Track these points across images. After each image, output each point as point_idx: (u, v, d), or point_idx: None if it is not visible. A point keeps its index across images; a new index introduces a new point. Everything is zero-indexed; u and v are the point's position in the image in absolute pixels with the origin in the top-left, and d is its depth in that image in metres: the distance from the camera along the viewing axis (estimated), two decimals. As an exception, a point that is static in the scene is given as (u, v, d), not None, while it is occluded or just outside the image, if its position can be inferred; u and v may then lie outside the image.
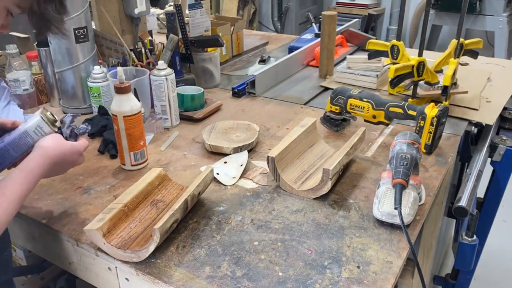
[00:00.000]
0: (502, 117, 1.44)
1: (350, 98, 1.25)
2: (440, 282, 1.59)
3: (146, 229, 0.88)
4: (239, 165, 1.12)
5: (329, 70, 1.72)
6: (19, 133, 0.89)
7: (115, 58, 1.54)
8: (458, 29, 1.32)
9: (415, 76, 1.33)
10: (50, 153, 0.85)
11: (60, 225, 0.93)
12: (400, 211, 0.84)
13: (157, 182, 0.99)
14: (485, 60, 1.82)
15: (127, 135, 1.08)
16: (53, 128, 0.90)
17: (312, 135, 1.16)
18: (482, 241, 1.48)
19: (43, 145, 0.85)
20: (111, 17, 1.53)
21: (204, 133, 1.24)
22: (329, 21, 1.64)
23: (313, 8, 4.65)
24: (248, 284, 0.77)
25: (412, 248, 0.82)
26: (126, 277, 0.85)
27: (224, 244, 0.86)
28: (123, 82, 1.07)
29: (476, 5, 3.49)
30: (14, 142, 0.89)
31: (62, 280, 1.55)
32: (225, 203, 0.99)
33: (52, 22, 0.74)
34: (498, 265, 2.22)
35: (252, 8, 4.39)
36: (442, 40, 4.01)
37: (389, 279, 0.78)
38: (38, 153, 0.84)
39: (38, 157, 0.83)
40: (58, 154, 0.86)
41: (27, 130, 0.89)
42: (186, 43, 1.55)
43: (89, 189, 1.05)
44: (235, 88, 1.58)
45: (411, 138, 0.98)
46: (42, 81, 1.53)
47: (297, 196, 1.01)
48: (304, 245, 0.86)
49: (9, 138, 0.89)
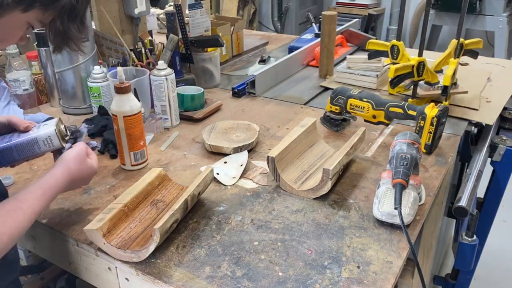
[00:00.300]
0: (502, 117, 1.44)
1: (350, 98, 1.25)
2: (440, 282, 1.59)
3: (146, 229, 0.88)
4: (239, 165, 1.12)
5: (329, 70, 1.72)
6: (28, 139, 0.88)
7: (115, 58, 1.54)
8: (458, 29, 1.32)
9: (415, 76, 1.33)
10: (72, 172, 0.85)
11: (60, 225, 0.93)
12: (400, 211, 0.84)
13: (157, 182, 0.99)
14: (485, 60, 1.82)
15: (127, 135, 1.08)
16: (62, 142, 0.90)
17: (312, 135, 1.16)
18: (482, 241, 1.48)
19: (68, 165, 0.85)
20: (111, 17, 1.53)
21: (204, 133, 1.24)
22: (329, 21, 1.64)
23: (313, 8, 4.65)
24: (248, 284, 0.77)
25: (412, 248, 0.82)
26: (126, 277, 0.85)
27: (224, 244, 0.86)
28: (123, 82, 1.07)
29: (476, 5, 3.49)
30: (21, 146, 0.88)
31: (62, 280, 1.55)
32: (225, 203, 0.99)
33: (73, 40, 0.75)
34: (498, 265, 2.22)
35: (252, 8, 4.39)
36: (442, 40, 4.01)
37: (389, 279, 0.78)
38: (61, 171, 0.83)
39: (60, 175, 0.83)
40: (78, 174, 0.87)
41: (37, 139, 0.88)
42: (186, 43, 1.55)
43: (89, 189, 1.05)
44: (235, 88, 1.58)
45: (411, 138, 0.98)
46: (42, 81, 1.53)
47: (297, 196, 1.01)
48: (304, 245, 0.86)
49: (17, 140, 0.88)
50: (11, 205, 0.73)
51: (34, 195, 0.77)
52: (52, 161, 0.98)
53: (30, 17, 0.68)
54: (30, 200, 0.75)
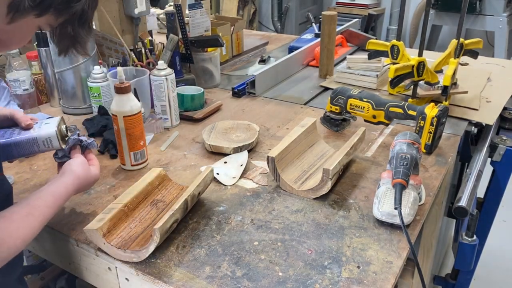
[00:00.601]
0: (502, 117, 1.44)
1: (350, 98, 1.25)
2: (440, 282, 1.59)
3: (146, 229, 0.88)
4: (239, 165, 1.12)
5: (329, 70, 1.72)
6: (27, 138, 0.88)
7: (115, 58, 1.54)
8: (458, 29, 1.32)
9: (415, 76, 1.33)
10: (81, 181, 0.89)
11: (60, 225, 0.93)
12: (400, 211, 0.84)
13: (157, 182, 0.99)
14: (485, 60, 1.82)
15: (127, 135, 1.08)
16: (62, 144, 0.91)
17: (312, 135, 1.16)
18: (482, 241, 1.48)
19: (78, 174, 0.88)
20: (111, 17, 1.53)
21: (204, 133, 1.24)
22: (329, 21, 1.64)
23: (313, 8, 4.66)
24: (248, 284, 0.77)
25: (412, 248, 0.82)
26: (126, 277, 0.85)
27: (224, 244, 0.86)
28: (123, 82, 1.07)
29: (476, 5, 3.49)
30: (20, 144, 0.88)
31: (62, 280, 1.55)
32: (225, 203, 0.99)
33: (80, 43, 0.76)
34: (498, 265, 2.22)
35: (252, 8, 4.39)
36: (442, 40, 4.01)
37: (389, 279, 0.78)
38: (71, 181, 0.86)
39: (71, 184, 0.86)
40: (84, 182, 0.90)
41: (37, 139, 0.89)
42: (186, 43, 1.55)
43: (89, 189, 1.05)
44: (235, 88, 1.58)
45: (411, 138, 0.98)
46: (42, 81, 1.53)
47: (297, 196, 1.01)
48: (304, 245, 0.86)
49: (17, 138, 0.88)
50: (24, 211, 0.76)
51: (46, 203, 0.80)
52: (52, 160, 0.98)
53: (42, 21, 0.69)
54: (41, 207, 0.78)
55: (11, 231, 0.72)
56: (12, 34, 0.69)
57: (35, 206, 0.78)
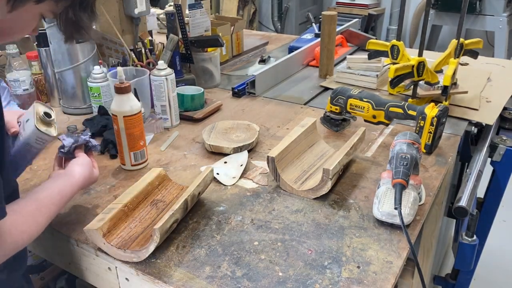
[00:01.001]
0: (502, 117, 1.44)
1: (350, 98, 1.25)
2: (440, 282, 1.59)
3: (146, 229, 0.88)
4: (239, 165, 1.12)
5: (329, 70, 1.72)
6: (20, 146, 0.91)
7: (115, 58, 1.54)
8: (458, 29, 1.32)
9: (415, 76, 1.33)
10: (85, 182, 0.91)
11: (60, 225, 0.93)
12: (400, 211, 0.84)
13: (157, 182, 0.99)
14: (485, 60, 1.82)
15: (127, 135, 1.08)
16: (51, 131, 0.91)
17: (312, 135, 1.16)
18: (482, 241, 1.48)
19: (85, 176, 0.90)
20: (111, 17, 1.53)
21: (204, 133, 1.24)
22: (329, 21, 1.64)
23: (313, 8, 4.65)
24: (248, 284, 0.77)
25: (412, 248, 0.82)
26: (126, 277, 0.85)
27: (224, 244, 0.86)
28: (123, 82, 1.07)
29: (476, 5, 3.49)
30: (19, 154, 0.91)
31: (62, 280, 1.55)
32: (225, 203, 0.99)
33: (84, 28, 0.77)
34: (498, 265, 2.22)
35: (252, 8, 4.39)
36: (442, 40, 4.01)
37: (389, 279, 0.78)
38: (78, 181, 0.88)
39: (77, 186, 0.88)
40: (87, 183, 0.93)
41: (29, 143, 0.90)
42: (186, 43, 1.55)
43: (89, 189, 1.05)
44: (235, 88, 1.58)
45: (411, 138, 0.98)
46: (42, 81, 1.53)
47: (297, 196, 1.01)
48: (304, 245, 0.86)
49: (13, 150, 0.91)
50: (32, 208, 0.77)
51: (52, 200, 0.81)
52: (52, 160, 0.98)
53: (43, 8, 0.70)
54: (48, 205, 0.80)
55: (18, 224, 0.72)
56: (14, 23, 0.69)
57: (43, 203, 0.79)
